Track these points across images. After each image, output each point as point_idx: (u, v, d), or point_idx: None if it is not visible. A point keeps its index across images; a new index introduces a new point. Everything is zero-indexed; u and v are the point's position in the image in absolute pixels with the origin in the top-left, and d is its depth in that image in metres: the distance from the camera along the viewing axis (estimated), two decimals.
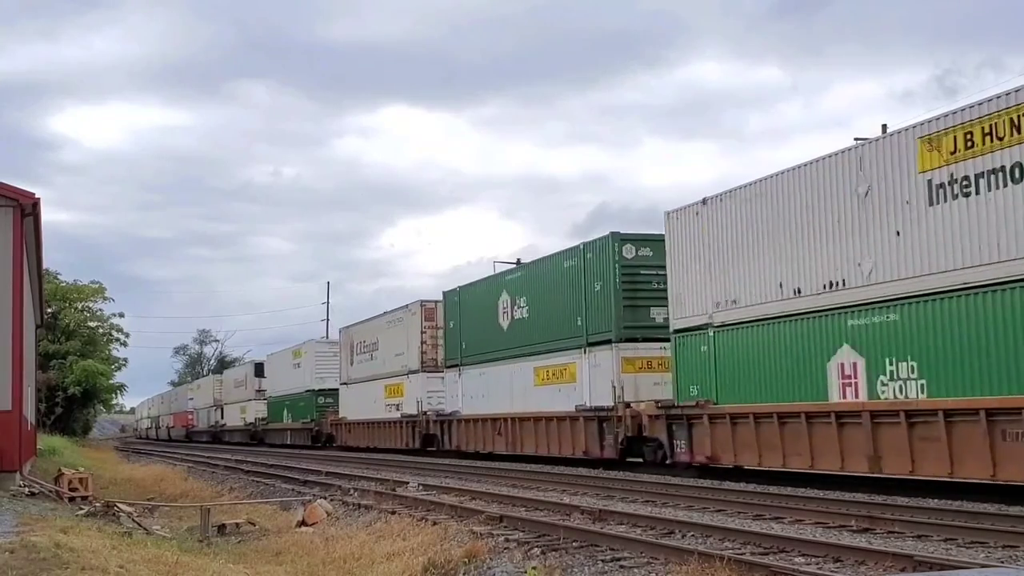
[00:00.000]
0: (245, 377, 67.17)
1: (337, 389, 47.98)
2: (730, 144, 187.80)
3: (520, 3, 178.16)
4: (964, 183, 15.64)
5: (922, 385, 16.35)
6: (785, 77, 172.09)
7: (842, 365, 17.82)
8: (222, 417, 73.60)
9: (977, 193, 15.43)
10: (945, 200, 15.96)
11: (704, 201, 21.92)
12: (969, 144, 15.59)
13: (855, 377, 17.58)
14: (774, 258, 19.61)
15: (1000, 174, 15.07)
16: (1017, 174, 14.84)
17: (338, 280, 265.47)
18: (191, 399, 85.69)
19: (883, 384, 17.04)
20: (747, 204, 20.49)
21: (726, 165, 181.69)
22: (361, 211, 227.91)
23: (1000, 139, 15.10)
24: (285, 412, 56.57)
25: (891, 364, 16.87)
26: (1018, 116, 14.91)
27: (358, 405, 44.65)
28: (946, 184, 15.96)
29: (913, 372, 16.51)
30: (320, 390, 51.15)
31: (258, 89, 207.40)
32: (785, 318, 19.17)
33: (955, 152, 15.83)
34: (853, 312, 17.64)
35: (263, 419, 61.78)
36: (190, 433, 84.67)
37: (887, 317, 17.04)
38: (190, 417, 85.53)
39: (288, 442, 55.57)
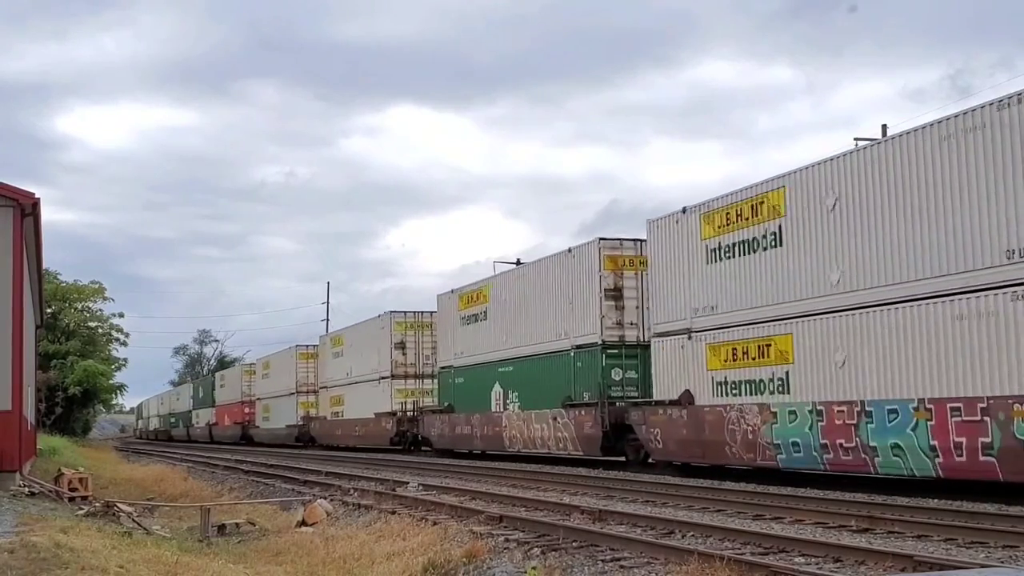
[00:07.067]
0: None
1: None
2: (738, 144, 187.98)
3: (532, 3, 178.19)
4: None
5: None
6: (795, 76, 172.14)
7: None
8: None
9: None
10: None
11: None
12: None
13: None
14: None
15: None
16: None
17: (344, 280, 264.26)
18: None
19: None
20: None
21: (733, 165, 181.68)
22: (367, 211, 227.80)
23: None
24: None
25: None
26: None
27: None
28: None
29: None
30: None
31: (267, 89, 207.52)
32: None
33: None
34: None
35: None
36: None
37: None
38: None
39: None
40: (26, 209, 19.75)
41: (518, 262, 34.08)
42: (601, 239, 26.88)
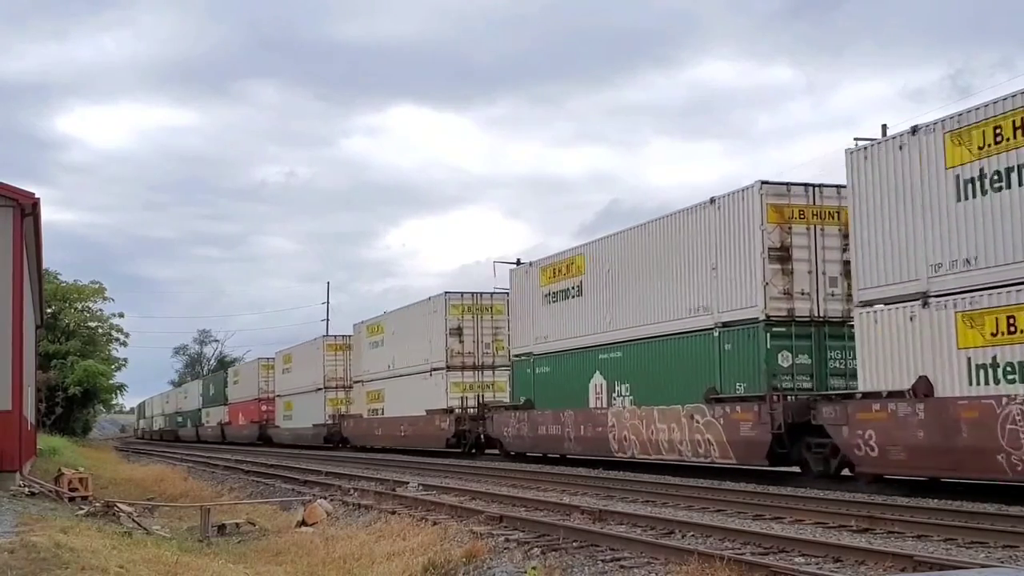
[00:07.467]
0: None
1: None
2: (738, 144, 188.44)
3: (532, 3, 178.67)
4: None
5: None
6: (795, 76, 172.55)
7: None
8: None
9: None
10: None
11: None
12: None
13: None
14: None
15: None
16: None
17: (344, 280, 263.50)
18: None
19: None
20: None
21: (733, 165, 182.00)
22: (367, 211, 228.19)
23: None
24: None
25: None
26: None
27: None
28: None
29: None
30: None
31: (267, 89, 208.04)
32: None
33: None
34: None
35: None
36: None
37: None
38: None
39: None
40: (26, 209, 19.76)
41: (518, 262, 33.91)
42: (764, 183, 20.64)
